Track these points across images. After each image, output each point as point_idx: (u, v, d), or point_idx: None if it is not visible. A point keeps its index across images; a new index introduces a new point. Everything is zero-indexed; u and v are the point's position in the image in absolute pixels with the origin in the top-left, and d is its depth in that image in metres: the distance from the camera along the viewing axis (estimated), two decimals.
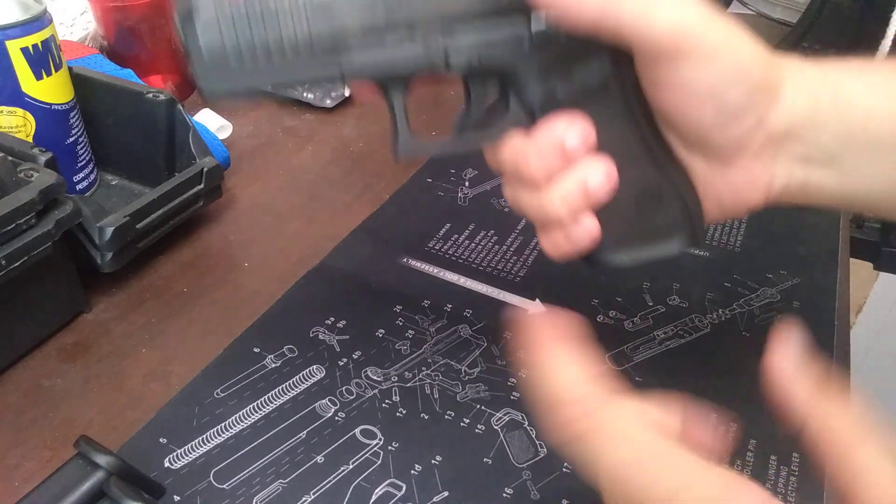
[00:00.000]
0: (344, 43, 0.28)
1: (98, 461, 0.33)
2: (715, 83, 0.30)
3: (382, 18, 0.28)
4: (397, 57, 0.29)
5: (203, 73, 0.28)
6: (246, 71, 0.28)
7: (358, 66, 0.29)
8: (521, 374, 0.43)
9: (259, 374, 0.43)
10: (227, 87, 0.29)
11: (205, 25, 0.27)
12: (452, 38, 0.29)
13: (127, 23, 0.62)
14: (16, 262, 0.39)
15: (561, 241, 0.32)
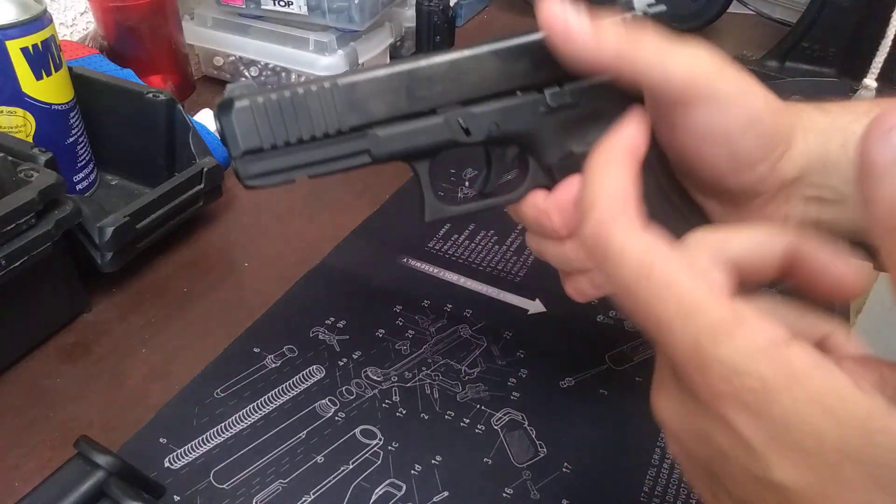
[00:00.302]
0: (370, 128, 0.30)
1: (98, 461, 0.33)
2: (728, 129, 0.30)
3: (406, 105, 0.30)
4: (421, 135, 0.31)
5: (239, 159, 0.30)
6: (279, 156, 0.30)
7: (385, 149, 0.31)
8: (521, 373, 0.44)
9: (259, 374, 0.43)
10: (262, 172, 0.31)
11: (239, 115, 0.29)
12: (471, 113, 0.31)
13: (127, 23, 0.62)
14: (16, 262, 0.39)
15: (585, 287, 0.34)
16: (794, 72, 0.81)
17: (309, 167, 0.31)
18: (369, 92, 0.30)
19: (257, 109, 0.29)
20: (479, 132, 0.31)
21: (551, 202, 0.32)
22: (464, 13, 0.96)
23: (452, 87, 0.31)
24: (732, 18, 0.96)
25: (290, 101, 0.30)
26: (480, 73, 0.31)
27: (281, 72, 0.73)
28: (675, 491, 0.37)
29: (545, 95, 0.31)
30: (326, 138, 0.30)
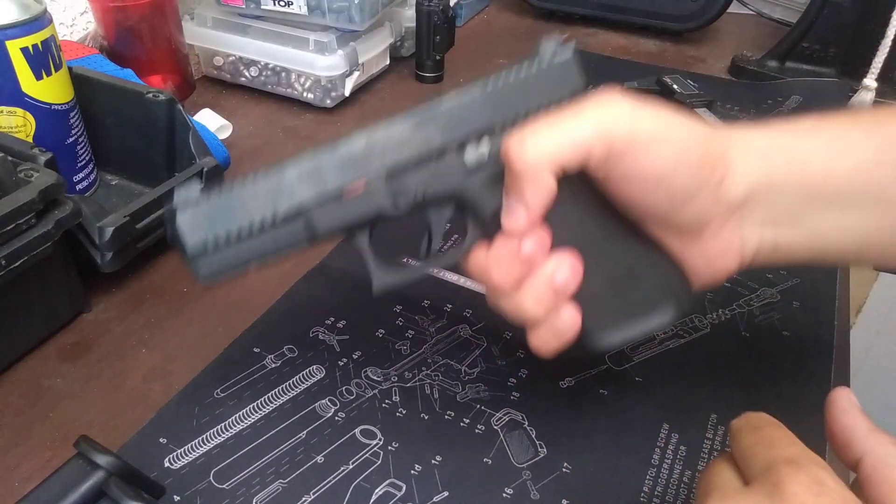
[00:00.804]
0: (304, 213, 0.32)
1: (98, 461, 0.32)
2: (657, 170, 0.30)
3: (332, 186, 0.32)
4: (351, 211, 0.32)
5: (191, 260, 0.33)
6: (226, 251, 0.32)
7: (320, 228, 0.32)
8: (521, 373, 0.44)
9: (259, 374, 0.43)
10: (214, 269, 0.33)
11: (183, 223, 0.32)
12: (397, 184, 0.32)
13: (127, 23, 0.62)
14: (16, 262, 0.39)
15: (547, 337, 0.33)
16: (794, 72, 0.81)
17: (256, 257, 0.33)
18: (296, 178, 0.32)
19: (198, 214, 0.32)
20: (408, 200, 0.32)
21: (490, 258, 0.32)
22: (464, 13, 0.96)
23: (374, 162, 0.32)
24: (732, 18, 0.96)
25: (226, 200, 0.32)
26: (398, 144, 0.32)
27: (281, 72, 0.73)
28: (675, 491, 0.37)
29: (464, 154, 0.32)
30: (264, 228, 0.32)
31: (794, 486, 0.25)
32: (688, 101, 0.73)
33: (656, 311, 0.34)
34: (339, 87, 0.72)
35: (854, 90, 0.78)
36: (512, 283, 0.32)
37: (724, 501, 0.26)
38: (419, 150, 0.32)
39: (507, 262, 0.32)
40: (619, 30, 0.95)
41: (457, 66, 0.83)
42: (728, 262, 0.34)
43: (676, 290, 0.34)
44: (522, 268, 0.32)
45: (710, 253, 0.33)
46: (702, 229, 0.33)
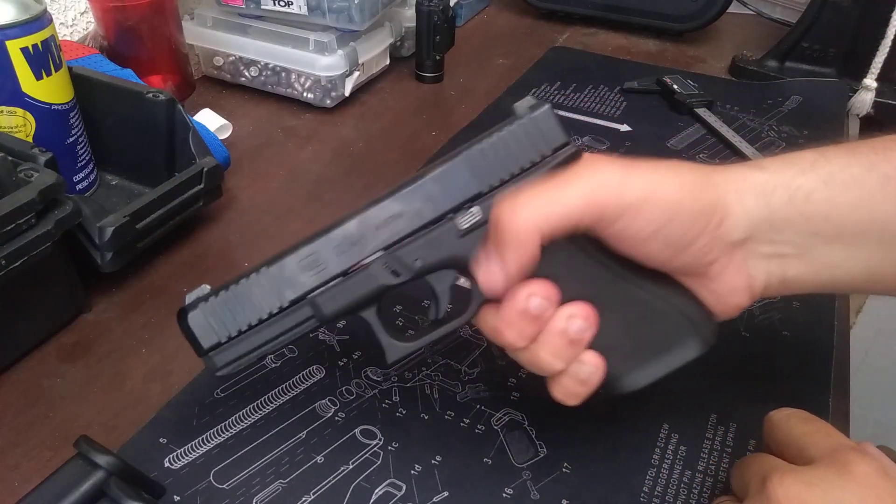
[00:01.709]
0: (309, 300, 0.33)
1: (98, 461, 0.32)
2: (652, 229, 0.31)
3: (332, 272, 0.33)
4: (355, 290, 0.33)
5: (205, 355, 0.34)
6: (239, 344, 0.34)
7: (328, 310, 0.33)
8: (521, 373, 0.44)
9: (259, 374, 0.43)
10: (229, 361, 0.34)
11: (194, 321, 0.34)
12: (394, 259, 0.33)
13: (127, 23, 0.62)
14: (16, 262, 0.39)
15: (571, 386, 0.33)
16: (794, 72, 0.81)
17: (268, 344, 0.34)
18: (296, 266, 0.33)
19: (208, 312, 0.34)
20: (407, 271, 0.33)
21: (500, 319, 0.32)
22: (464, 13, 0.96)
23: (369, 242, 0.33)
24: (732, 18, 0.96)
25: (233, 295, 0.33)
26: (389, 220, 0.33)
27: (281, 72, 0.73)
28: (675, 491, 0.37)
29: (455, 221, 0.32)
30: (273, 317, 0.33)
31: (863, 467, 0.27)
32: (688, 101, 0.73)
33: (679, 346, 0.34)
34: (339, 87, 0.72)
35: (854, 90, 0.78)
36: (525, 340, 0.32)
37: (791, 475, 0.28)
38: (412, 224, 0.32)
39: (517, 321, 0.32)
40: (619, 30, 0.95)
41: (457, 66, 0.83)
42: (738, 299, 0.34)
43: (696, 322, 0.34)
44: (533, 325, 0.32)
45: (719, 290, 0.34)
46: (706, 270, 0.33)
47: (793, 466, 0.29)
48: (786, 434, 0.31)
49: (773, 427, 0.32)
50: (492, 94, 0.77)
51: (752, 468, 0.31)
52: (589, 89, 0.78)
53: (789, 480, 0.28)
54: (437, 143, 0.68)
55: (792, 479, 0.28)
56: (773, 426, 0.32)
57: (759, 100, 0.77)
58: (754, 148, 0.67)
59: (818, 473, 0.28)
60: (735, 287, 0.34)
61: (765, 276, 0.34)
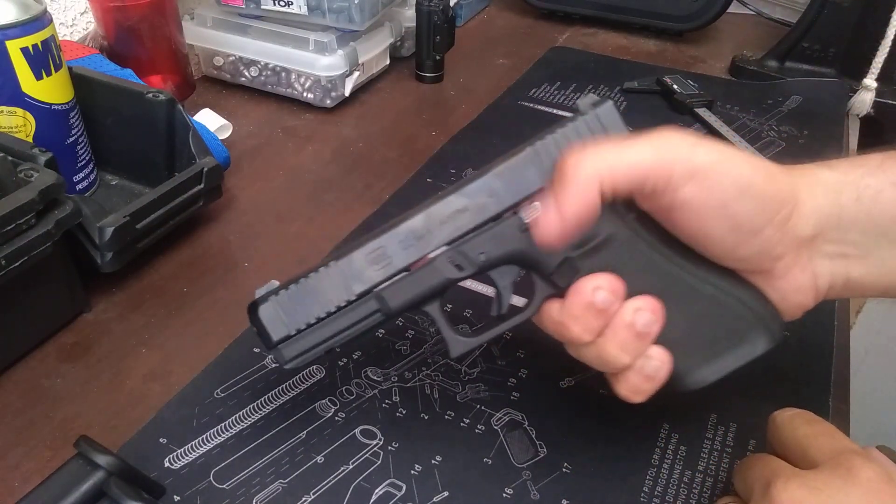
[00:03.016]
0: (376, 293, 0.34)
1: (98, 461, 0.32)
2: (721, 200, 0.30)
3: (398, 266, 0.34)
4: (420, 283, 0.34)
5: (275, 348, 0.35)
6: (307, 336, 0.35)
7: (393, 303, 0.34)
8: (521, 373, 0.44)
9: (259, 374, 0.43)
10: (296, 354, 0.35)
11: (265, 313, 0.35)
12: (459, 253, 0.33)
13: (127, 23, 0.62)
14: (16, 262, 0.39)
15: (638, 382, 0.33)
16: (794, 72, 0.81)
17: (335, 338, 0.35)
18: (364, 261, 0.34)
19: (278, 305, 0.34)
20: (470, 265, 0.33)
21: (564, 313, 0.32)
22: (464, 13, 0.96)
23: (434, 235, 0.33)
24: (732, 18, 0.96)
25: (303, 289, 0.34)
26: (454, 215, 0.33)
27: (281, 72, 0.73)
28: (675, 491, 0.37)
29: (519, 216, 0.33)
30: (341, 310, 0.34)
31: (868, 472, 0.27)
32: (688, 101, 0.73)
33: (747, 341, 0.33)
34: (339, 87, 0.72)
35: (854, 90, 0.78)
36: (591, 334, 0.32)
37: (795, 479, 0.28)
38: (476, 219, 0.33)
39: (582, 314, 0.32)
40: (619, 30, 0.95)
41: (457, 66, 0.83)
42: (803, 299, 0.34)
43: (763, 316, 0.33)
44: (599, 318, 0.32)
45: (785, 289, 0.33)
46: (773, 266, 0.33)
47: (797, 470, 0.29)
48: (790, 435, 0.31)
49: (777, 428, 0.32)
50: (492, 94, 0.77)
51: (756, 470, 0.31)
52: (589, 89, 0.78)
53: (794, 485, 0.28)
54: (437, 143, 0.68)
55: (796, 483, 0.28)
56: (777, 427, 0.32)
57: (759, 100, 0.77)
58: (754, 148, 0.67)
59: (822, 478, 0.28)
60: (800, 286, 0.33)
61: (829, 276, 0.33)
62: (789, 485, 0.28)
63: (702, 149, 0.30)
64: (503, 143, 0.67)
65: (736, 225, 0.31)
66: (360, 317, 0.34)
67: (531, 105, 0.75)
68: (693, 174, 0.30)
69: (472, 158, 0.65)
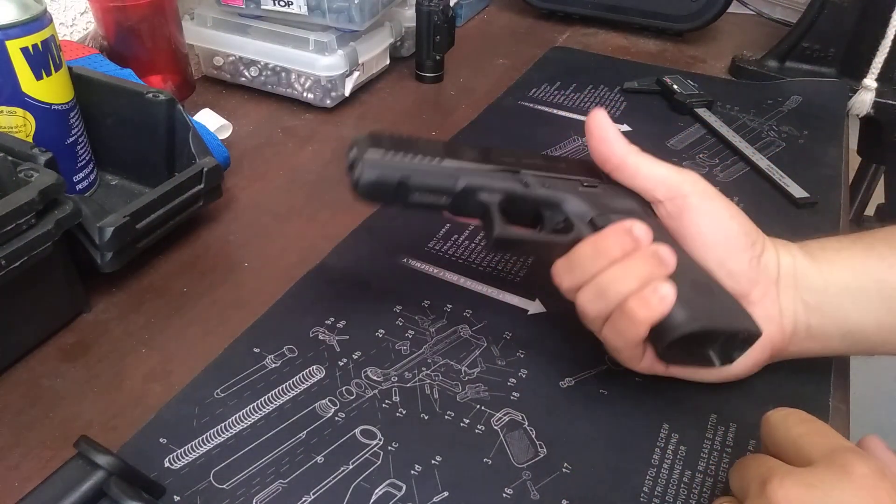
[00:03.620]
0: (459, 167, 0.40)
1: (98, 461, 0.32)
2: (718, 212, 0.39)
3: (486, 160, 0.41)
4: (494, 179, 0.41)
5: (364, 158, 0.39)
6: (394, 164, 0.39)
7: (468, 181, 0.40)
8: (521, 373, 0.44)
9: (259, 374, 0.43)
10: (376, 175, 0.39)
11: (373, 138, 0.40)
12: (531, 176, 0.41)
13: (127, 23, 0.62)
14: (16, 262, 0.39)
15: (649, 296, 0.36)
16: (794, 72, 0.81)
17: (410, 180, 0.39)
18: (464, 149, 0.42)
19: (385, 137, 0.40)
20: (534, 188, 0.41)
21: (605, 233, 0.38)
22: (464, 13, 0.96)
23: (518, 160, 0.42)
24: (732, 18, 0.96)
25: (409, 140, 0.40)
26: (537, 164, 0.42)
27: (281, 72, 0.73)
28: (675, 491, 0.37)
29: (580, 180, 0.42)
30: (430, 163, 0.40)
31: (862, 468, 0.27)
32: (688, 101, 0.73)
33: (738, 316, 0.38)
34: (339, 87, 0.72)
35: (854, 90, 0.78)
36: (622, 252, 0.37)
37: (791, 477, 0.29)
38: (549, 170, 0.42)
39: (620, 236, 0.37)
40: (619, 30, 0.95)
41: (457, 66, 0.83)
42: (771, 328, 0.39)
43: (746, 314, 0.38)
44: (632, 242, 0.37)
45: (757, 315, 0.38)
46: (750, 290, 0.39)
47: (792, 468, 0.30)
48: (783, 435, 0.32)
49: (771, 427, 0.33)
50: (492, 94, 0.77)
51: (752, 470, 0.31)
52: (589, 89, 0.78)
53: (789, 483, 0.28)
54: None
55: (791, 481, 0.28)
56: (771, 426, 0.33)
57: (759, 100, 0.77)
58: (754, 148, 0.67)
59: (817, 475, 0.28)
60: (770, 316, 0.39)
61: (792, 316, 0.40)
62: (785, 482, 0.28)
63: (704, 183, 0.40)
64: (503, 143, 0.68)
65: (727, 238, 0.39)
66: (438, 174, 0.40)
67: (531, 105, 0.75)
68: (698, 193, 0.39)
69: None
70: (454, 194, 0.40)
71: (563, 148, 0.67)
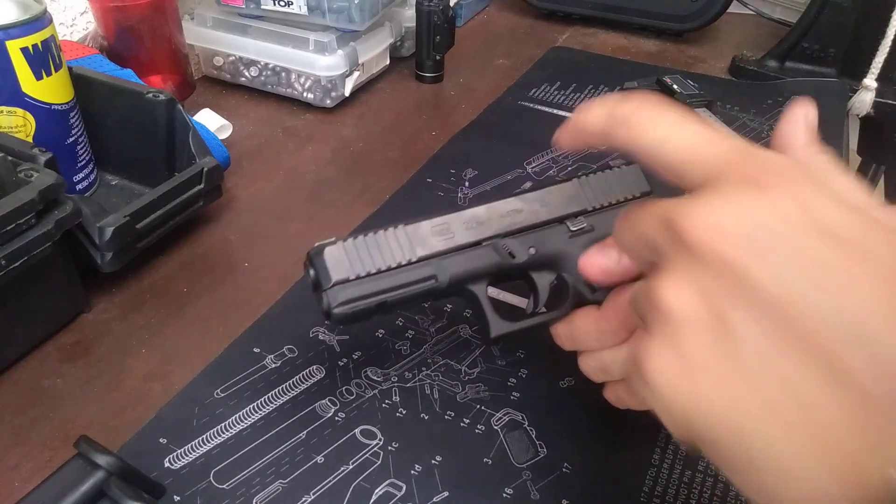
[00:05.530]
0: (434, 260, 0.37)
1: (98, 461, 0.32)
2: None
3: (459, 241, 0.37)
4: (475, 260, 0.37)
5: (330, 290, 0.36)
6: (362, 284, 0.36)
7: (448, 272, 0.37)
8: (521, 373, 0.44)
9: (259, 374, 0.43)
10: (348, 299, 0.36)
11: (330, 254, 0.36)
12: (513, 241, 0.38)
13: (127, 23, 0.62)
14: (16, 262, 0.39)
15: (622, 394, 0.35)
16: (794, 72, 0.81)
17: (387, 294, 0.36)
18: (429, 230, 0.37)
19: (344, 250, 0.36)
20: (521, 255, 0.38)
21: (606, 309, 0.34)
22: (464, 13, 0.96)
23: (493, 224, 0.38)
24: (732, 18, 0.96)
25: (370, 242, 0.36)
26: (512, 213, 0.38)
27: (281, 72, 0.73)
28: (675, 491, 0.37)
29: (566, 224, 0.38)
30: (401, 267, 0.36)
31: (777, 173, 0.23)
32: (688, 101, 0.73)
33: None
34: (339, 87, 0.72)
35: (854, 90, 0.78)
36: (627, 332, 0.33)
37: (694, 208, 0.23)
38: (530, 219, 0.38)
39: (623, 312, 0.33)
40: (619, 30, 0.95)
41: (457, 66, 0.83)
42: None
43: None
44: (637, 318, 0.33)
45: None
46: None
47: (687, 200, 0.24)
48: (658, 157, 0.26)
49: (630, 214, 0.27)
50: (492, 94, 0.77)
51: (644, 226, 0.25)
52: (589, 89, 0.78)
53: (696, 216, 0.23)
54: (437, 143, 0.68)
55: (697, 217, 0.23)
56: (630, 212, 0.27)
57: (759, 100, 0.77)
58: None
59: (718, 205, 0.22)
60: None
61: None
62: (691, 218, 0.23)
63: None
64: (503, 143, 0.68)
65: None
66: (416, 279, 0.36)
67: (531, 105, 0.75)
68: None
69: (472, 158, 0.65)
70: (439, 292, 0.37)
71: None
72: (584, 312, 0.36)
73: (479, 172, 0.63)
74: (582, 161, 0.65)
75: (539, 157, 0.66)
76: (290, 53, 0.72)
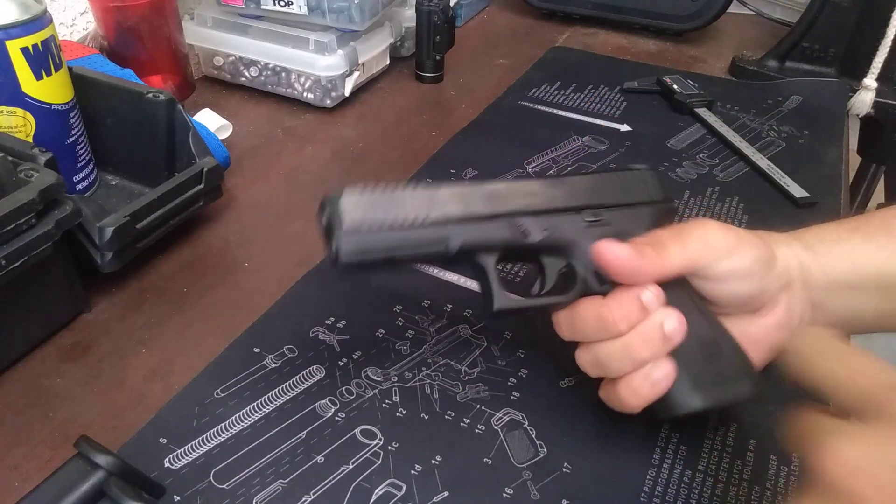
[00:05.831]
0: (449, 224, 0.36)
1: (98, 461, 0.32)
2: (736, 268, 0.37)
3: (477, 210, 0.37)
4: (488, 232, 0.37)
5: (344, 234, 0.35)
6: (373, 235, 0.35)
7: (459, 239, 0.36)
8: (521, 373, 0.44)
9: (259, 374, 0.43)
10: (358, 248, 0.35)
11: (347, 199, 0.35)
12: (528, 220, 0.38)
13: (127, 23, 0.62)
14: (16, 262, 0.39)
15: (640, 386, 0.35)
16: (794, 72, 0.81)
17: (395, 249, 0.36)
18: (448, 196, 0.37)
19: (361, 199, 0.35)
20: (535, 235, 0.37)
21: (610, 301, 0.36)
22: (464, 13, 0.96)
23: (512, 201, 0.38)
24: (732, 18, 0.96)
25: (387, 197, 0.36)
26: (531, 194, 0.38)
27: (281, 72, 0.73)
28: (675, 491, 0.37)
29: (581, 214, 0.38)
30: (414, 226, 0.36)
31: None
32: (688, 101, 0.73)
33: (737, 383, 0.37)
34: (339, 87, 0.72)
35: (854, 90, 0.78)
36: (628, 325, 0.35)
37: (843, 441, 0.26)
38: (547, 203, 0.38)
39: (627, 304, 0.35)
40: (619, 30, 0.95)
41: (457, 66, 0.83)
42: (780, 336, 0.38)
43: (749, 370, 0.37)
44: (640, 312, 0.35)
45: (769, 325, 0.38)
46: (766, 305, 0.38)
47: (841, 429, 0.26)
48: None
49: None
50: (492, 94, 0.77)
51: None
52: (589, 89, 0.78)
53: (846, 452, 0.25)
54: (437, 143, 0.68)
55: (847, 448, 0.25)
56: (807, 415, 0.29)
57: (759, 100, 0.77)
58: (754, 148, 0.67)
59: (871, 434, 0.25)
60: (781, 323, 0.38)
61: (800, 314, 0.39)
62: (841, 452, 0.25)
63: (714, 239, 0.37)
64: (503, 143, 0.68)
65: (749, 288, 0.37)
66: (427, 239, 0.36)
67: (531, 105, 0.75)
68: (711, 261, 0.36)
69: (472, 158, 0.65)
70: (449, 258, 0.37)
71: (563, 148, 0.67)
72: (587, 300, 0.37)
73: (479, 172, 0.63)
74: (582, 161, 0.65)
75: (539, 156, 0.66)
76: (290, 53, 0.72)
